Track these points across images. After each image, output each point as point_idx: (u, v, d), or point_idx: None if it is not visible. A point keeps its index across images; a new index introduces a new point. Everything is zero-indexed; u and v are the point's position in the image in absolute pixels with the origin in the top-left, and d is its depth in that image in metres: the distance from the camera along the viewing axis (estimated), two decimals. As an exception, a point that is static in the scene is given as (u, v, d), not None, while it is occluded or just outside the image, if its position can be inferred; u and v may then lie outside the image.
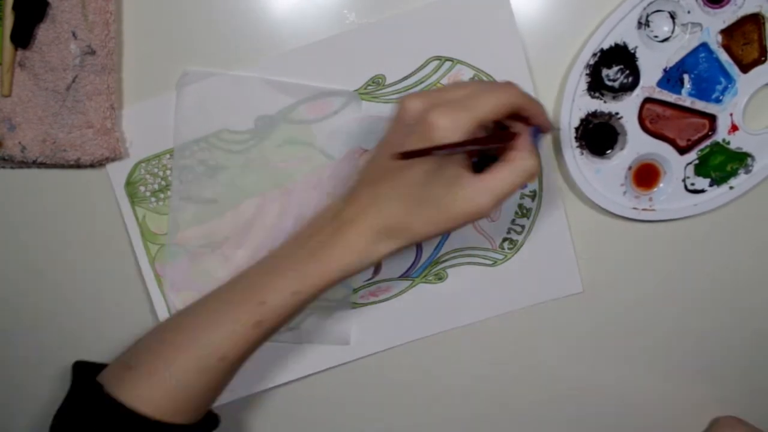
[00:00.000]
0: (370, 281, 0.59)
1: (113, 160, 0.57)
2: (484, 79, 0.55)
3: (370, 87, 0.56)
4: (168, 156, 0.58)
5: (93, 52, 0.53)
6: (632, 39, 0.54)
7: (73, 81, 0.53)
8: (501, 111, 0.42)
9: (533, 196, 0.58)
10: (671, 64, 0.55)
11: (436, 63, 0.55)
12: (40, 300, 0.59)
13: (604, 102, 0.55)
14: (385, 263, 0.58)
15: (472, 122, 0.41)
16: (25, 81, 0.54)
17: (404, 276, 0.59)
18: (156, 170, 0.58)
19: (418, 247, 0.58)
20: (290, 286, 0.45)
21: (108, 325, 0.60)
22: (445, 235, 0.57)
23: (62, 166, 0.57)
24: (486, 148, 0.46)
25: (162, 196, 0.59)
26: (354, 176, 0.48)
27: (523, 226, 0.58)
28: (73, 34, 0.52)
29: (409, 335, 0.60)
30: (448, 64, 0.55)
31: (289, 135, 0.57)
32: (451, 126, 0.41)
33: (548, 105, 0.56)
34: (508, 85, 0.44)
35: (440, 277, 0.59)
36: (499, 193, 0.43)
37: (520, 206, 0.58)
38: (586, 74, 0.55)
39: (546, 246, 0.59)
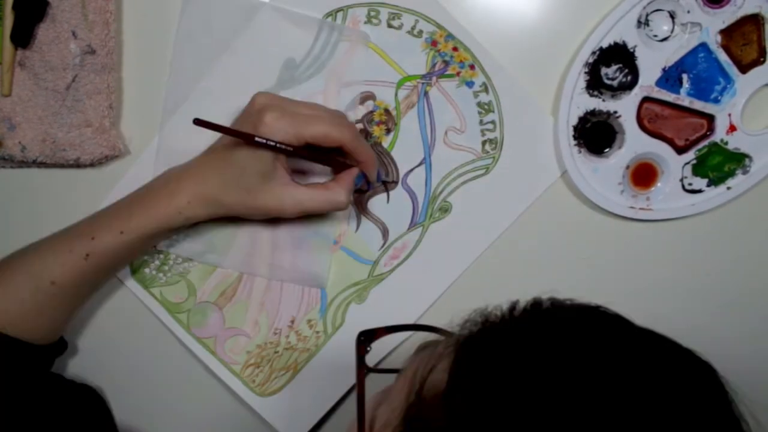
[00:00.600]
0: (384, 246, 0.60)
1: (114, 158, 0.57)
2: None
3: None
4: (174, 235, 0.60)
5: (93, 52, 0.53)
6: (632, 38, 0.54)
7: (73, 80, 0.54)
8: (325, 142, 0.50)
9: (485, 89, 0.58)
10: (670, 63, 0.55)
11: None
12: None
13: (603, 101, 0.56)
14: (389, 219, 0.60)
15: (294, 137, 0.49)
16: (25, 80, 0.54)
17: (412, 226, 0.60)
18: (161, 245, 0.60)
19: (410, 192, 0.60)
20: (118, 226, 0.51)
21: (105, 322, 0.61)
22: (427, 168, 0.59)
23: (62, 166, 0.57)
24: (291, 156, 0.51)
25: (167, 268, 0.60)
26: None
27: (493, 122, 0.58)
28: (73, 34, 0.53)
29: (445, 280, 0.61)
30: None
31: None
32: (275, 129, 0.48)
33: (547, 103, 0.57)
34: (347, 126, 0.51)
35: (445, 210, 0.59)
36: (303, 206, 0.51)
37: (479, 104, 0.58)
38: (585, 72, 0.55)
39: (524, 127, 0.58)
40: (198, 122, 0.47)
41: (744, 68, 0.56)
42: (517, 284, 0.60)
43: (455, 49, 0.57)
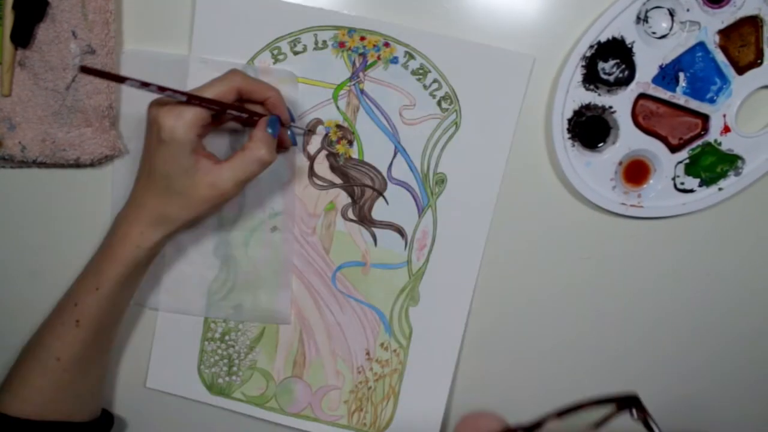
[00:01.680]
0: (408, 243, 0.60)
1: (114, 157, 0.57)
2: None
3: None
4: (227, 337, 0.62)
5: (93, 52, 0.53)
6: (630, 33, 0.54)
7: (73, 80, 0.54)
8: (224, 97, 0.49)
9: (410, 56, 0.57)
10: (667, 61, 0.55)
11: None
12: (39, 301, 0.59)
13: (599, 95, 0.56)
14: (397, 217, 0.60)
15: (195, 117, 0.48)
16: (25, 80, 0.54)
17: (421, 211, 0.59)
18: (219, 351, 0.62)
19: (401, 184, 0.59)
20: (93, 284, 0.52)
21: None
22: (403, 154, 0.59)
23: (62, 166, 0.57)
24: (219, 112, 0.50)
25: (235, 368, 0.62)
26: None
27: (435, 80, 0.57)
28: (73, 34, 0.53)
29: (478, 239, 0.60)
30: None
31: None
32: (174, 123, 0.48)
33: (542, 95, 0.57)
34: (231, 72, 0.50)
35: (441, 180, 0.59)
36: (235, 178, 0.50)
37: (413, 72, 0.57)
38: (582, 66, 0.55)
39: (465, 66, 0.57)
40: (83, 69, 0.44)
41: (741, 69, 0.55)
42: (511, 276, 0.62)
43: (362, 38, 0.57)
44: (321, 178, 0.59)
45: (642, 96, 0.56)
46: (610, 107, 0.56)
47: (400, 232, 0.60)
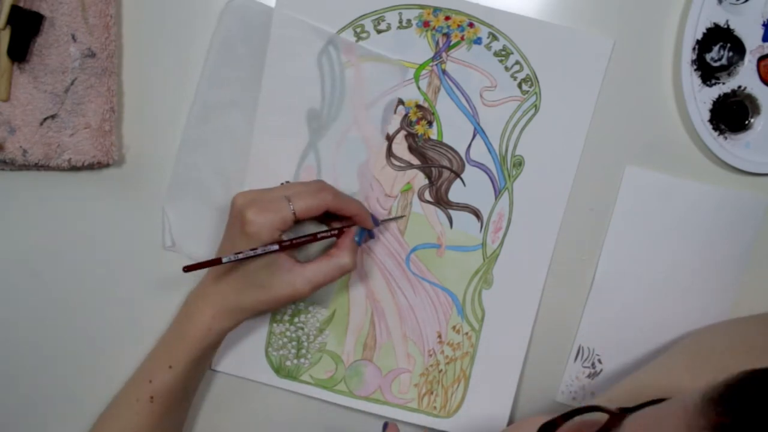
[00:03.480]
0: (483, 225, 0.60)
1: (106, 165, 0.56)
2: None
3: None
4: (296, 319, 0.61)
5: (93, 55, 0.53)
6: (719, 16, 0.55)
7: (72, 83, 0.53)
8: (311, 212, 0.51)
9: (493, 37, 0.58)
10: (767, 17, 0.56)
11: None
12: (39, 301, 0.59)
13: (723, 83, 0.57)
14: (473, 199, 0.60)
15: (281, 222, 0.50)
16: (25, 84, 0.54)
17: (498, 194, 0.60)
18: (288, 333, 0.61)
19: (479, 166, 0.59)
20: (166, 362, 0.54)
21: (111, 326, 0.60)
22: (482, 136, 0.59)
23: (63, 169, 0.56)
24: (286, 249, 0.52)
25: (304, 351, 0.61)
26: None
27: (518, 62, 0.57)
28: (73, 37, 0.53)
29: (553, 222, 0.60)
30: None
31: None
32: (261, 222, 0.50)
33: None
34: (322, 189, 0.53)
35: (519, 163, 0.59)
36: (315, 281, 0.52)
37: (495, 54, 0.58)
38: (695, 69, 0.56)
39: (546, 47, 0.57)
40: (188, 268, 0.49)
41: None
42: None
43: (447, 18, 0.57)
44: (399, 159, 0.59)
45: (762, 58, 0.57)
46: (740, 86, 0.57)
47: (476, 214, 0.60)
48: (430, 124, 0.58)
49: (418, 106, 0.58)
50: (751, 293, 0.62)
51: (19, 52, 0.52)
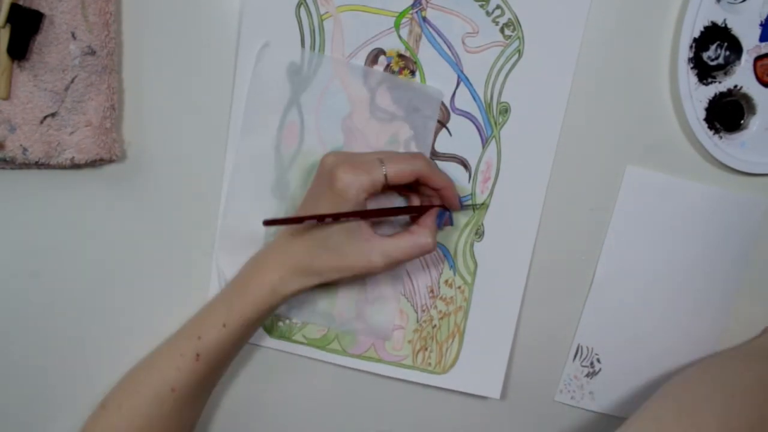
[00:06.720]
0: (471, 175, 0.59)
1: (109, 161, 0.56)
2: None
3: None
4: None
5: (93, 53, 0.53)
6: (717, 14, 0.55)
7: (72, 81, 0.53)
8: (402, 178, 0.50)
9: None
10: (764, 16, 0.55)
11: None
12: (39, 301, 0.59)
13: (720, 82, 0.56)
14: (460, 149, 0.58)
15: (371, 183, 0.49)
16: (25, 82, 0.53)
17: (485, 142, 0.58)
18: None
19: (464, 114, 0.58)
20: (221, 320, 0.52)
21: (112, 326, 0.60)
22: (466, 83, 0.58)
23: (63, 167, 0.56)
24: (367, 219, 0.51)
25: (296, 311, 0.60)
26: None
27: (498, 6, 0.57)
28: (73, 35, 0.52)
29: (544, 166, 0.59)
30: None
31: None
32: (351, 181, 0.48)
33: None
34: (416, 156, 0.51)
35: (505, 110, 0.58)
36: (392, 257, 0.51)
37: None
38: (691, 68, 0.56)
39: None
40: (268, 222, 0.48)
41: None
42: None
43: (426, -38, 0.56)
44: (383, 111, 0.58)
45: (759, 58, 0.56)
46: (735, 86, 0.57)
47: (464, 164, 0.59)
48: (412, 73, 0.58)
49: (400, 56, 0.57)
50: (750, 293, 0.62)
51: (18, 51, 0.52)
